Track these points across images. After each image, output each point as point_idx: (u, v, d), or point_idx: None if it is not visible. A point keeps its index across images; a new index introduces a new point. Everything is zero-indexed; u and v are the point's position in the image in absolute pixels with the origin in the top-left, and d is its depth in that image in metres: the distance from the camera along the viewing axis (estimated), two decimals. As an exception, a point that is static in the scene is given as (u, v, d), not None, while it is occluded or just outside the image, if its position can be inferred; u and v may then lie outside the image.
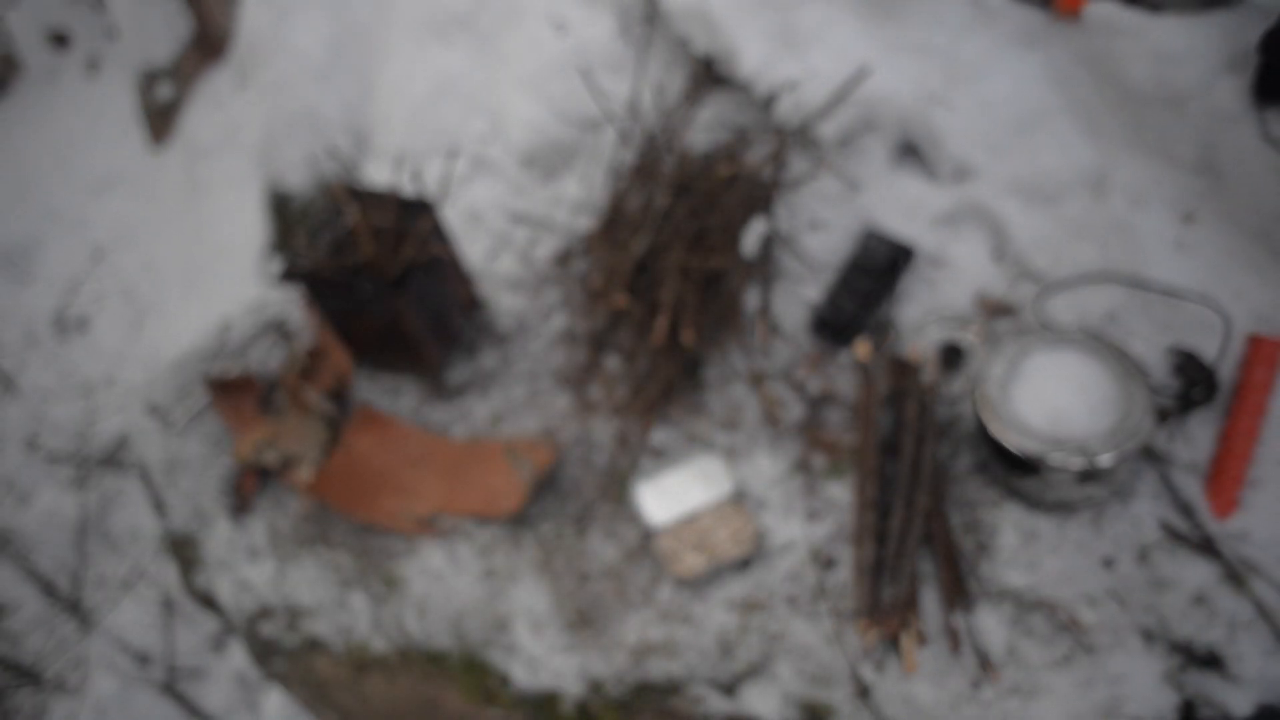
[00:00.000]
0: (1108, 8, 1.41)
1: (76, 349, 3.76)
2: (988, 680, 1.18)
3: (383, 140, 2.05)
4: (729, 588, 1.31)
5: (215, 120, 3.51)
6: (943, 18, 1.55)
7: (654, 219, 1.55)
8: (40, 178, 4.29)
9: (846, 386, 1.47)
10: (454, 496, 1.45)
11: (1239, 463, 1.23)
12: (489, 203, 1.86)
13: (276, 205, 2.86)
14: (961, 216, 1.57)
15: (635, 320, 1.55)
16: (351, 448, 1.47)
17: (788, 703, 1.22)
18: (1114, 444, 1.17)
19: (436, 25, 1.97)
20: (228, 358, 1.70)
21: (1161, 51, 1.34)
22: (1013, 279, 1.50)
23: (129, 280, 3.76)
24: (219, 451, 1.58)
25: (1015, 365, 1.27)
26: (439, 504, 1.45)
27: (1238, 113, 1.28)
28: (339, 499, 1.43)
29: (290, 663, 1.49)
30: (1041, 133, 1.51)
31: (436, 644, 1.35)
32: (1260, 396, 1.26)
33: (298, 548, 1.46)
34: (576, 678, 1.29)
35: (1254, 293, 1.34)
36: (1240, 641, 1.15)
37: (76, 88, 4.42)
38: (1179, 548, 1.22)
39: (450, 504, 1.44)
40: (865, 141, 1.61)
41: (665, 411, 1.49)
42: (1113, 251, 1.42)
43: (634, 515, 1.40)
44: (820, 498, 1.36)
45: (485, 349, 1.64)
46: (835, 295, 1.50)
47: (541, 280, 1.72)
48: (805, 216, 1.63)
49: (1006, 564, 1.26)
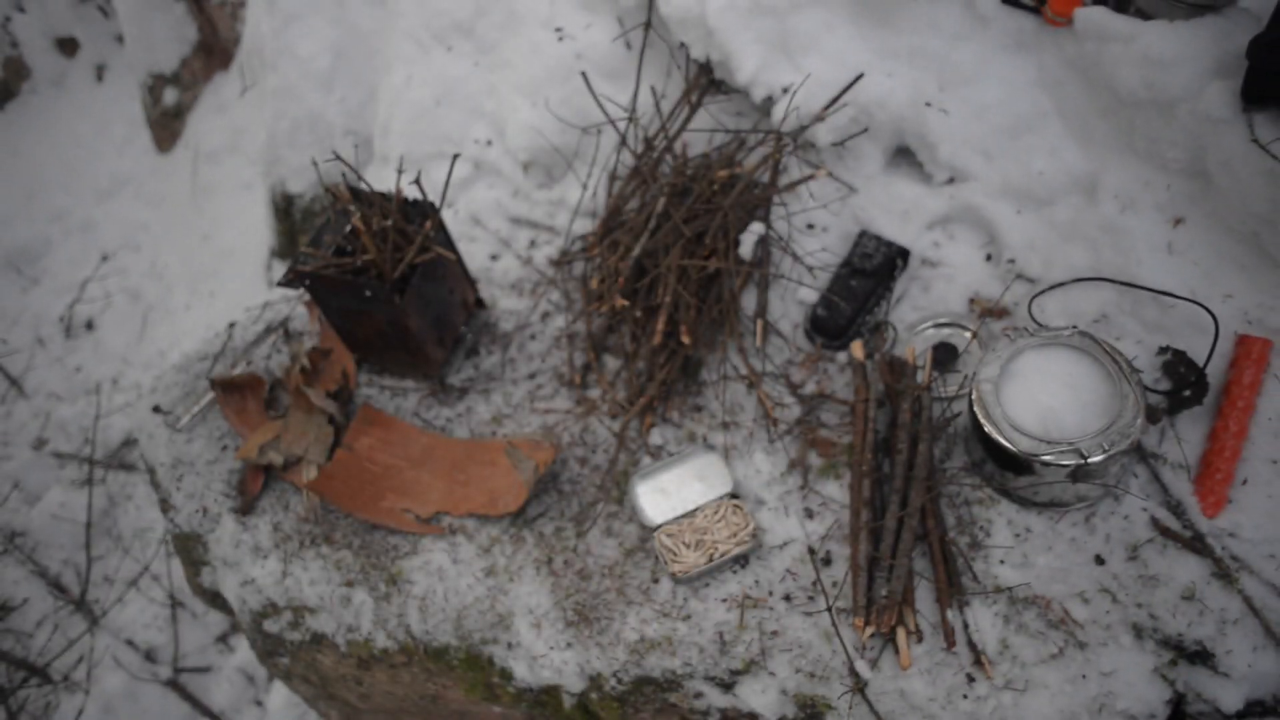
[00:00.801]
0: (1098, 14, 1.43)
1: (83, 350, 3.79)
2: (981, 676, 1.19)
3: (385, 144, 2.08)
4: (727, 585, 1.33)
5: (220, 125, 3.55)
6: (937, 23, 1.57)
7: (652, 222, 1.58)
8: (47, 181, 4.33)
9: (843, 386, 1.49)
10: (455, 497, 1.47)
11: (1228, 461, 1.25)
12: (490, 206, 1.88)
13: (281, 208, 2.88)
14: (955, 219, 1.59)
15: (634, 321, 1.57)
16: (354, 447, 1.49)
17: (784, 698, 1.24)
18: (1105, 443, 1.19)
19: (438, 32, 1.99)
20: (232, 358, 1.72)
21: (1151, 57, 1.36)
22: (1006, 280, 1.52)
23: (135, 282, 3.80)
24: (224, 451, 1.60)
25: (1008, 365, 1.29)
26: (440, 504, 1.46)
27: (1227, 117, 1.30)
28: (341, 498, 1.45)
29: (294, 659, 1.51)
30: (1033, 137, 1.53)
31: (438, 641, 1.37)
32: (1249, 396, 1.27)
33: (301, 547, 1.48)
34: (577, 673, 1.31)
35: (1243, 293, 1.35)
36: (1230, 637, 1.17)
37: (83, 93, 4.46)
38: (1169, 545, 1.24)
39: (452, 505, 1.46)
40: (860, 145, 1.63)
41: (664, 411, 1.52)
42: (1104, 253, 1.44)
43: (633, 514, 1.41)
44: (817, 496, 1.38)
45: (486, 350, 1.66)
46: (831, 297, 1.52)
47: (541, 282, 1.74)
48: (801, 219, 1.65)
49: (999, 561, 1.27)
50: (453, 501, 1.46)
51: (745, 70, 1.63)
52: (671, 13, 1.69)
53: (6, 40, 4.50)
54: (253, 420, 1.59)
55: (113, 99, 4.38)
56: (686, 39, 1.71)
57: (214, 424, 1.63)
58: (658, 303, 1.52)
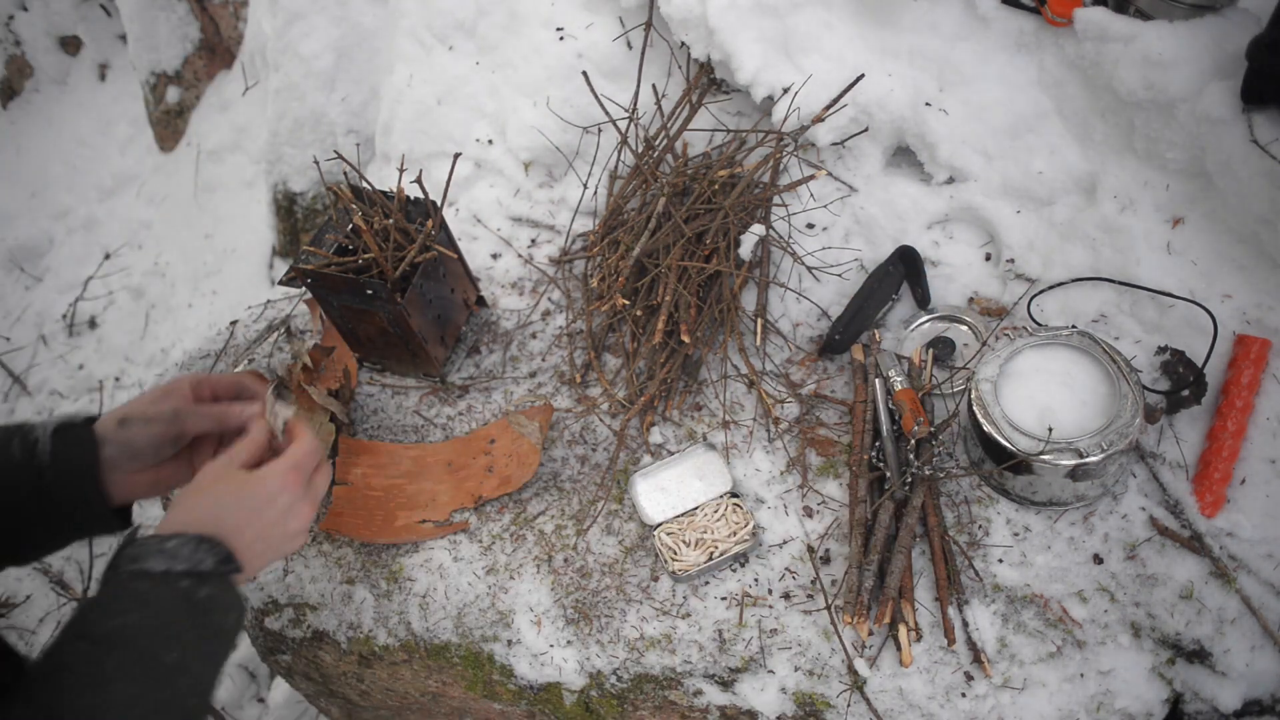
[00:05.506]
0: (1098, 14, 1.43)
1: (86, 348, 3.80)
2: (980, 674, 1.20)
3: (387, 143, 2.08)
4: (726, 583, 1.33)
5: (223, 124, 3.55)
6: (937, 24, 1.57)
7: (653, 221, 1.58)
8: (50, 179, 4.34)
9: (842, 386, 1.49)
10: (463, 491, 1.47)
11: (1226, 461, 1.25)
12: (491, 205, 1.89)
13: (283, 207, 2.89)
14: (954, 219, 1.60)
15: (634, 320, 1.57)
16: (349, 479, 1.49)
17: (783, 696, 1.24)
18: (1104, 442, 1.19)
19: (440, 31, 2.00)
20: (234, 356, 1.73)
21: (1151, 57, 1.36)
22: (1005, 280, 1.52)
23: (137, 280, 3.81)
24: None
25: (1007, 364, 1.30)
26: (452, 503, 1.46)
27: (1227, 117, 1.30)
28: (357, 530, 1.45)
29: (295, 656, 1.52)
30: (1033, 137, 1.53)
31: (439, 638, 1.37)
32: (1247, 396, 1.28)
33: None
34: (576, 671, 1.31)
35: (1242, 294, 1.36)
36: (1228, 636, 1.17)
37: (86, 91, 4.47)
38: (1168, 544, 1.24)
39: (464, 499, 1.46)
40: (860, 145, 1.63)
41: (664, 410, 1.52)
42: (1103, 253, 1.44)
43: (633, 512, 1.42)
44: (816, 495, 1.39)
45: (487, 348, 1.67)
46: (846, 321, 1.50)
47: (542, 281, 1.75)
48: (801, 219, 1.66)
49: (998, 560, 1.28)
50: (463, 496, 1.47)
51: (746, 70, 1.64)
52: (672, 12, 1.69)
53: (10, 39, 4.51)
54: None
55: (115, 97, 4.38)
56: (687, 39, 1.71)
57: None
58: (658, 302, 1.53)
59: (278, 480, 0.99)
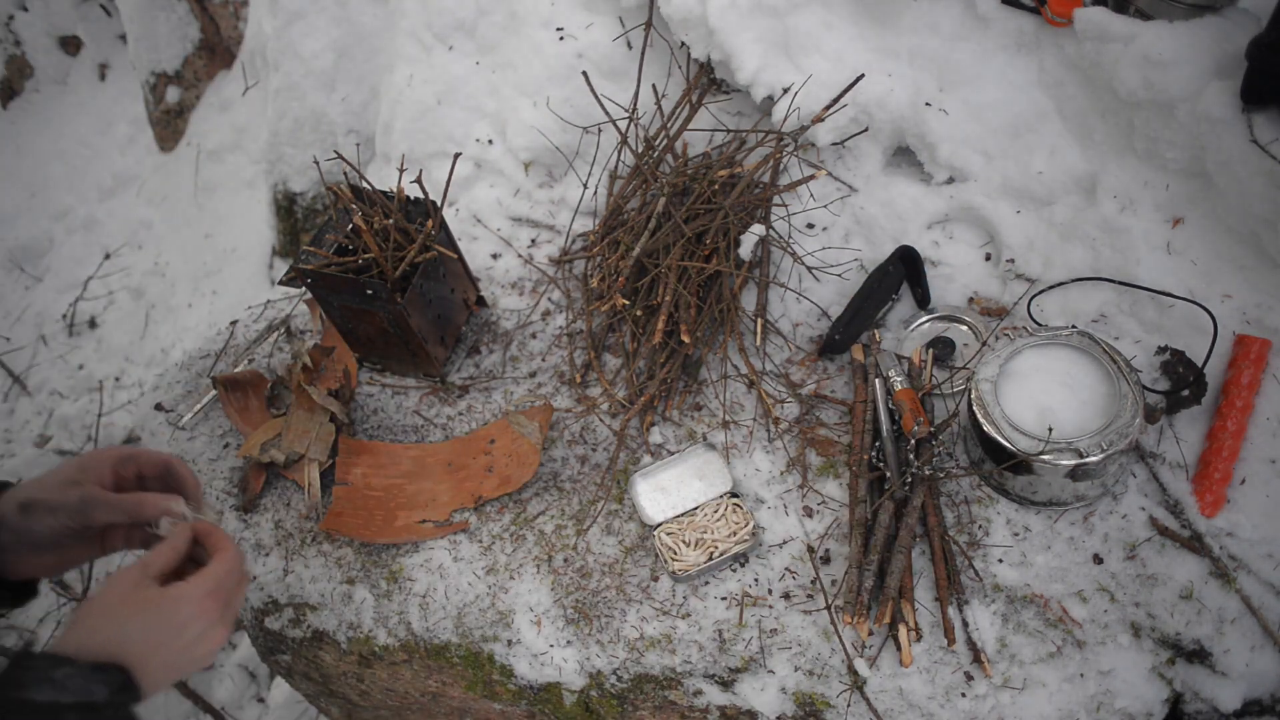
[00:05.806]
0: (1098, 14, 1.43)
1: (86, 348, 3.80)
2: (980, 674, 1.20)
3: (387, 143, 2.08)
4: (726, 583, 1.33)
5: (223, 124, 3.55)
6: (936, 24, 1.57)
7: (653, 221, 1.58)
8: (50, 179, 4.34)
9: (842, 385, 1.49)
10: (463, 491, 1.47)
11: (1226, 461, 1.25)
12: (491, 205, 1.89)
13: (283, 207, 2.89)
14: (954, 219, 1.60)
15: (634, 320, 1.57)
16: (349, 480, 1.49)
17: (783, 696, 1.24)
18: (1104, 442, 1.19)
19: (440, 31, 2.00)
20: (234, 356, 1.73)
21: (1151, 57, 1.36)
22: (1005, 280, 1.52)
23: (137, 280, 3.81)
24: (226, 449, 1.61)
25: (1007, 364, 1.30)
26: (451, 503, 1.47)
27: (1226, 117, 1.30)
28: (357, 530, 1.45)
29: (296, 656, 1.52)
30: (1033, 137, 1.53)
31: (439, 638, 1.38)
32: (1247, 396, 1.28)
33: (303, 544, 1.48)
34: (576, 671, 1.31)
35: (1242, 294, 1.36)
36: (1228, 636, 1.17)
37: (86, 91, 4.47)
38: (1168, 544, 1.24)
39: (464, 499, 1.46)
40: (860, 145, 1.63)
41: (664, 410, 1.52)
42: (1103, 253, 1.44)
43: (633, 512, 1.42)
44: (816, 495, 1.39)
45: (487, 348, 1.67)
46: (845, 321, 1.51)
47: (542, 281, 1.75)
48: (801, 219, 1.66)
49: (998, 560, 1.28)
50: (463, 496, 1.47)
51: (746, 70, 1.64)
52: (672, 12, 1.69)
53: (10, 39, 4.52)
54: (255, 418, 1.60)
55: (115, 97, 4.39)
56: (687, 39, 1.71)
57: (216, 422, 1.64)
58: (658, 302, 1.53)
59: (194, 606, 0.90)
